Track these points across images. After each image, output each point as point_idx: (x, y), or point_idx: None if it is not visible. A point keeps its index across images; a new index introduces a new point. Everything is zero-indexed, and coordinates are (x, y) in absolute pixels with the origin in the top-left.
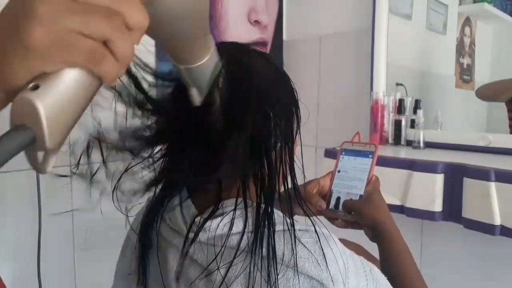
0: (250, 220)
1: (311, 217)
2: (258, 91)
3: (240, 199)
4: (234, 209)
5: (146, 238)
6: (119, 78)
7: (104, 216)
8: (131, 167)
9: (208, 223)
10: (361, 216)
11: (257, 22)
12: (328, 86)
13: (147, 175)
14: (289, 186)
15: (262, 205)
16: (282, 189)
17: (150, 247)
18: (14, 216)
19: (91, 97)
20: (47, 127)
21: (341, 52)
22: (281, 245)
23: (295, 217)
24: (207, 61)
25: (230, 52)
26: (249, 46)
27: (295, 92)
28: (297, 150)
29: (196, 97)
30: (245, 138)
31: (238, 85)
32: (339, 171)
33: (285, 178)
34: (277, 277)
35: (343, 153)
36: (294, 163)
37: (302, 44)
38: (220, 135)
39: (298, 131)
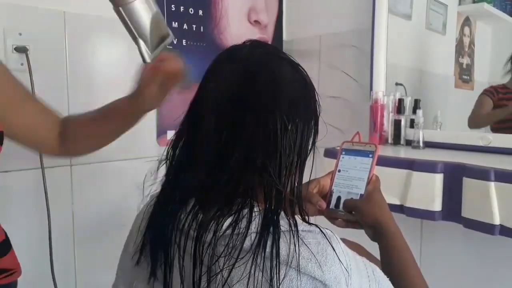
0: (255, 222)
1: (307, 220)
2: (280, 100)
3: (243, 202)
4: (238, 211)
5: (155, 238)
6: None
7: (104, 215)
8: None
9: (212, 223)
10: (362, 215)
11: (257, 22)
12: (328, 86)
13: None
14: (295, 196)
15: (269, 212)
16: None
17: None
18: (18, 215)
19: None
20: None
21: (341, 52)
22: (284, 246)
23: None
24: (137, 2)
25: (260, 57)
26: (281, 53)
27: (317, 107)
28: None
29: (145, 52)
30: (259, 142)
31: (263, 90)
32: (339, 171)
33: (292, 189)
34: (279, 278)
35: (343, 152)
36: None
37: (302, 44)
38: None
39: (314, 146)
